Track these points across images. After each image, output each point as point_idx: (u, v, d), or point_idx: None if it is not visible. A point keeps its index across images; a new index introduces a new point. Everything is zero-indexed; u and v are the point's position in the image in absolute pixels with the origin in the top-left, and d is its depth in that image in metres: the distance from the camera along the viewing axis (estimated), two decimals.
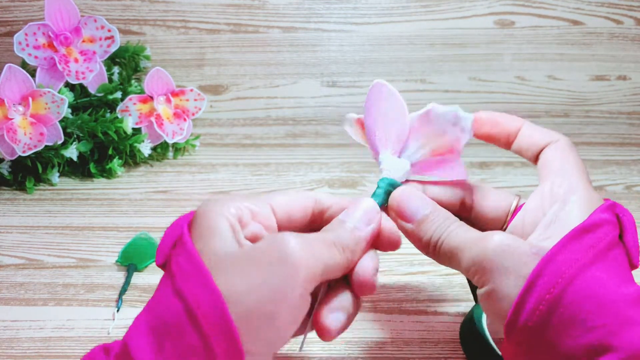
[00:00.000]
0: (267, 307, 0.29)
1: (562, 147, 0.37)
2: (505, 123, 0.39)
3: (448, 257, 0.34)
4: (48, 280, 0.52)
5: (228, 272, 0.29)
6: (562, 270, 0.30)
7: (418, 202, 0.35)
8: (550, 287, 0.30)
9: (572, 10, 0.77)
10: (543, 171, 0.37)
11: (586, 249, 0.31)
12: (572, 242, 0.31)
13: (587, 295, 0.30)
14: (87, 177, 0.68)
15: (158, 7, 0.75)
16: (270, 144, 0.75)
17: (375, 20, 0.77)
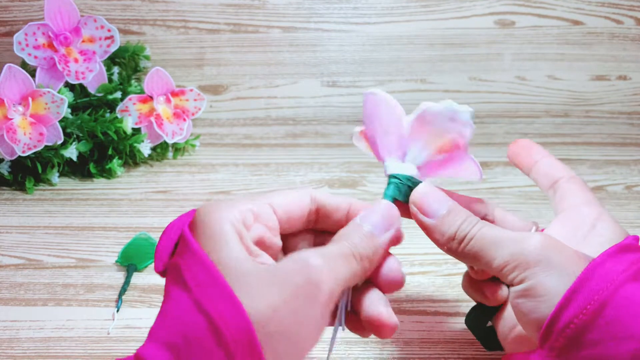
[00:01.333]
0: (291, 329, 0.29)
1: (580, 183, 0.39)
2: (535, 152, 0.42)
3: (476, 253, 0.34)
4: (48, 280, 0.52)
5: (250, 291, 0.29)
6: (610, 277, 0.31)
7: (441, 197, 0.35)
8: (599, 289, 0.30)
9: (572, 10, 0.77)
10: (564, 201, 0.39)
11: (630, 264, 0.31)
12: (617, 254, 0.32)
13: (633, 303, 0.30)
14: (87, 177, 0.68)
15: (158, 7, 0.75)
16: (270, 144, 0.75)
17: (375, 20, 0.77)
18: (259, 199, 0.34)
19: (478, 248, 0.34)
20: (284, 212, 0.34)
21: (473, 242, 0.34)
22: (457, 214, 0.35)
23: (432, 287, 0.51)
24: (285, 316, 0.29)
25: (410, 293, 0.50)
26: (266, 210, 0.33)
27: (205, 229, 0.31)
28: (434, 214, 0.35)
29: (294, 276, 0.29)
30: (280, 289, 0.29)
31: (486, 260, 0.33)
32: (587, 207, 0.38)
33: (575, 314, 0.30)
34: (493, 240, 0.33)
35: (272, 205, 0.34)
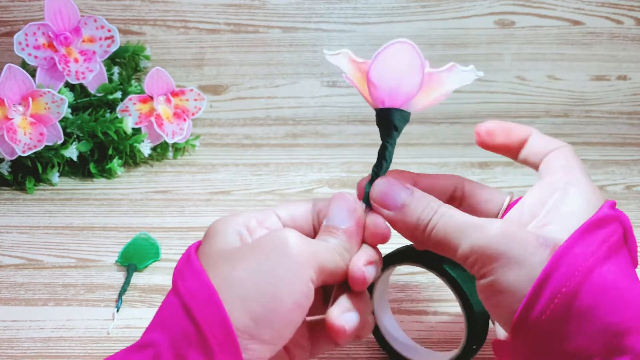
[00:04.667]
0: (267, 289, 0.30)
1: (566, 151, 0.36)
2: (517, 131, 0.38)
3: (441, 242, 0.33)
4: (48, 280, 0.52)
5: (229, 262, 0.31)
6: (578, 263, 0.29)
7: (399, 188, 0.34)
8: (567, 280, 0.29)
9: (572, 10, 0.77)
10: (545, 169, 0.36)
11: (600, 243, 0.30)
12: (586, 235, 0.30)
13: (604, 289, 0.29)
14: (87, 177, 0.68)
15: (158, 7, 0.75)
16: (270, 144, 0.75)
17: (375, 20, 0.77)
18: (265, 209, 0.36)
19: (441, 236, 0.33)
20: (288, 218, 0.36)
21: (435, 230, 0.33)
22: (418, 202, 0.34)
23: (432, 287, 0.51)
24: (258, 277, 0.30)
25: (410, 293, 0.50)
26: (269, 216, 0.35)
27: (209, 236, 0.33)
28: (393, 205, 0.34)
29: (270, 243, 0.31)
30: (257, 254, 0.31)
31: (450, 250, 0.33)
32: (563, 171, 0.34)
33: (543, 309, 0.29)
34: (454, 229, 0.32)
35: (275, 212, 0.35)
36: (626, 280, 0.30)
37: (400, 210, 0.34)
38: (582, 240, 0.30)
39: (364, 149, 0.73)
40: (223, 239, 0.33)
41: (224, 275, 0.30)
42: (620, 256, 0.31)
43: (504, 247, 0.31)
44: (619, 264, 0.30)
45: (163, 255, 0.54)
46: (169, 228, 0.59)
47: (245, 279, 0.30)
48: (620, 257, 0.31)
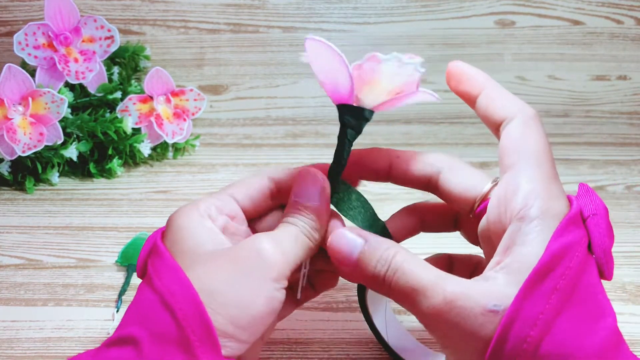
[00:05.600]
0: (245, 298, 0.31)
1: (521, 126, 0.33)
2: (469, 81, 0.35)
3: (402, 301, 0.32)
4: (48, 280, 0.52)
5: (205, 267, 0.32)
6: (526, 332, 0.28)
7: (349, 239, 0.33)
8: (516, 355, 0.28)
9: (572, 10, 0.77)
10: (501, 162, 0.33)
11: (548, 296, 0.28)
12: (532, 290, 0.28)
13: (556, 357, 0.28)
14: (86, 177, 0.68)
15: (158, 7, 0.75)
16: (270, 144, 0.75)
17: (375, 20, 0.77)
18: (220, 193, 0.36)
19: (400, 295, 0.31)
20: (246, 200, 0.36)
21: (393, 286, 0.32)
22: (371, 254, 0.32)
23: None
24: (237, 287, 0.31)
25: None
26: (228, 202, 0.36)
27: (172, 229, 0.34)
28: (349, 260, 0.33)
29: (246, 252, 0.32)
30: (232, 265, 0.32)
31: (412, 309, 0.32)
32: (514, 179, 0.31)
33: None
34: (408, 289, 0.31)
35: (232, 196, 0.36)
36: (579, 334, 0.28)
37: (356, 265, 0.33)
38: (527, 299, 0.28)
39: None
40: (193, 237, 0.33)
41: (202, 281, 0.31)
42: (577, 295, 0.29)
43: (454, 318, 0.29)
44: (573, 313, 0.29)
45: None
46: None
47: (223, 287, 0.31)
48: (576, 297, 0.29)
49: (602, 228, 0.31)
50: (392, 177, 0.38)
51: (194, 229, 0.34)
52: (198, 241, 0.33)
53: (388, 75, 0.33)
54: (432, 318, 0.30)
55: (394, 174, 0.38)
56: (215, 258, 0.32)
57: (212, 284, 0.31)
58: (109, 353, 0.31)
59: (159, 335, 0.30)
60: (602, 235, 0.31)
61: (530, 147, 0.32)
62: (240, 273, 0.32)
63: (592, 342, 0.28)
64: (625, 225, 0.60)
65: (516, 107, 0.33)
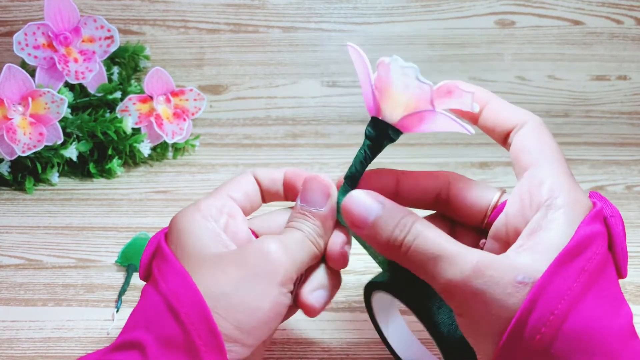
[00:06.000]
0: (251, 302, 0.31)
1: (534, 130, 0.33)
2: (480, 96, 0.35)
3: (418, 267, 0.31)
4: (47, 280, 0.52)
5: (211, 270, 0.32)
6: (554, 305, 0.28)
7: (367, 202, 0.32)
8: (542, 325, 0.28)
9: (572, 10, 0.77)
10: (518, 163, 0.33)
11: (577, 275, 0.29)
12: (562, 267, 0.29)
13: (580, 332, 0.28)
14: (86, 177, 0.68)
15: (158, 7, 0.75)
16: (270, 144, 0.75)
17: (375, 20, 0.77)
18: (218, 193, 0.36)
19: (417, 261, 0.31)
20: (243, 198, 0.37)
21: (410, 253, 0.31)
22: (389, 216, 0.32)
23: None
24: (243, 292, 0.31)
25: None
26: (226, 202, 0.36)
27: (176, 231, 0.34)
28: (364, 222, 0.32)
29: (253, 256, 0.32)
30: (239, 268, 0.32)
31: (427, 277, 0.31)
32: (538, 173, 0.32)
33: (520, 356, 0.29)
34: (428, 256, 0.30)
35: (230, 195, 0.36)
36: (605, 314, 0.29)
37: (372, 227, 0.32)
38: (557, 275, 0.29)
39: None
40: (197, 239, 0.33)
41: (207, 284, 0.31)
42: (601, 283, 0.30)
43: (480, 286, 0.29)
44: (599, 294, 0.29)
45: None
46: None
47: (229, 291, 0.31)
48: (601, 284, 0.29)
49: (620, 228, 0.32)
50: (400, 196, 0.37)
51: (198, 231, 0.33)
52: (202, 244, 0.33)
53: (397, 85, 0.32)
54: (455, 285, 0.30)
55: (402, 191, 0.37)
56: (221, 261, 0.32)
57: (218, 288, 0.31)
58: (114, 357, 0.31)
59: (165, 340, 0.30)
60: (621, 234, 0.31)
61: (547, 148, 0.33)
62: (247, 277, 0.31)
63: (615, 324, 0.29)
64: (625, 225, 0.60)
65: (525, 115, 0.34)
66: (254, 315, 0.31)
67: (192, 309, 0.30)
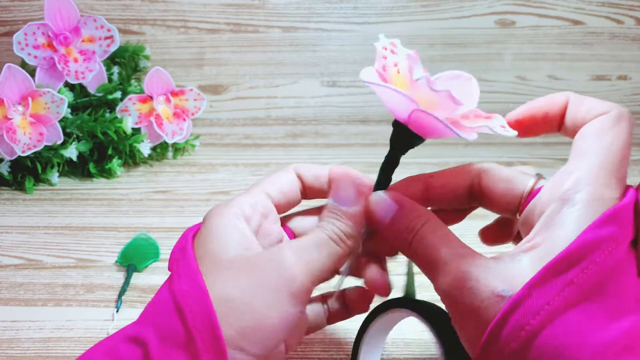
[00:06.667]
0: (259, 311, 0.31)
1: (605, 120, 0.31)
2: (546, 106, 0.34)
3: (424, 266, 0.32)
4: (47, 280, 0.52)
5: (224, 274, 0.31)
6: (526, 320, 0.27)
7: (387, 202, 0.33)
8: (511, 340, 0.27)
9: (572, 10, 0.77)
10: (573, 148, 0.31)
11: (562, 288, 0.27)
12: (547, 279, 0.27)
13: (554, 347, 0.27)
14: (86, 177, 0.68)
15: (158, 7, 0.75)
16: (270, 144, 0.75)
17: (375, 20, 0.76)
18: (254, 190, 0.36)
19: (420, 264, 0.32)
20: (280, 196, 0.36)
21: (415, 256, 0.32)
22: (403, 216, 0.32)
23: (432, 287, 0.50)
24: (251, 299, 0.31)
25: None
26: (261, 199, 0.35)
27: (205, 228, 0.33)
28: (382, 222, 0.33)
29: (265, 266, 0.31)
30: (250, 275, 0.31)
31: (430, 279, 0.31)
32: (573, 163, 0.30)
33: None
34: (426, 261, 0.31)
35: (266, 192, 0.36)
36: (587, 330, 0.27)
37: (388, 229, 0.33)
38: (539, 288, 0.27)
39: (364, 149, 0.73)
40: (220, 239, 0.33)
41: (217, 288, 0.31)
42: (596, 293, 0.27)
43: (461, 297, 0.29)
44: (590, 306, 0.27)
45: (163, 255, 0.54)
46: (169, 228, 0.58)
47: (237, 297, 0.30)
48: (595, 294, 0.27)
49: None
50: (431, 199, 0.36)
51: (225, 231, 0.33)
52: (225, 244, 0.32)
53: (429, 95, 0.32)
54: (444, 294, 0.30)
55: (432, 195, 0.36)
56: (236, 266, 0.32)
57: (227, 293, 0.31)
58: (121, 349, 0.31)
59: (167, 338, 0.30)
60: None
61: (604, 140, 0.30)
62: (256, 284, 0.31)
63: (596, 341, 0.27)
64: None
65: (608, 107, 0.31)
66: (260, 325, 0.30)
67: (198, 310, 0.30)
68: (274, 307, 0.31)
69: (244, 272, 0.31)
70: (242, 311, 0.30)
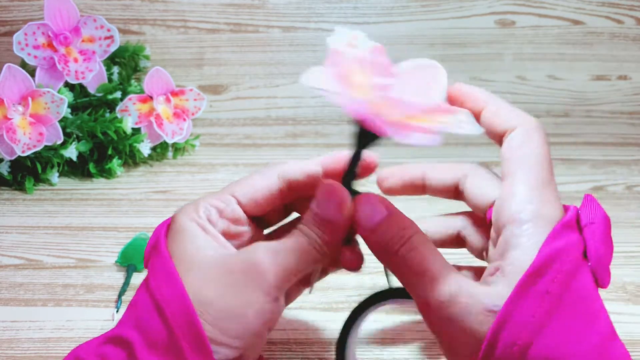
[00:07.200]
0: (236, 310, 0.31)
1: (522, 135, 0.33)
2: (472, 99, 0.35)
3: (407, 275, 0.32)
4: (47, 280, 0.52)
5: (201, 275, 0.32)
6: (516, 335, 0.28)
7: (372, 208, 0.33)
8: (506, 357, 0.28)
9: (572, 10, 0.77)
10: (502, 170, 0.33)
11: (541, 299, 0.29)
12: (525, 292, 0.29)
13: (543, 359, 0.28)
14: (86, 177, 0.68)
15: (158, 7, 0.75)
16: (270, 144, 0.75)
17: (375, 20, 0.76)
18: (224, 192, 0.36)
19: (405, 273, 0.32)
20: (250, 202, 0.36)
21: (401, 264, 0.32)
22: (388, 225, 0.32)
23: None
24: (228, 299, 0.31)
25: None
26: (229, 204, 0.35)
27: (174, 229, 0.34)
28: (365, 226, 0.33)
29: (240, 266, 0.32)
30: (226, 275, 0.32)
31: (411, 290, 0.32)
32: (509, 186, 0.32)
33: None
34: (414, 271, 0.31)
35: (235, 197, 0.36)
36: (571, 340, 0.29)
37: (371, 232, 0.33)
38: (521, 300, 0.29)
39: None
40: (193, 241, 0.33)
41: (195, 289, 0.31)
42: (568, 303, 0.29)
43: (455, 314, 0.30)
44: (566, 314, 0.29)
45: None
46: None
47: (214, 298, 0.31)
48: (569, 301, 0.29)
49: (597, 236, 0.31)
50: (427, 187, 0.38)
51: (194, 232, 0.33)
52: (198, 245, 0.33)
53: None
54: (432, 306, 0.31)
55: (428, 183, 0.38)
56: (212, 266, 0.32)
57: (205, 294, 0.31)
58: (106, 351, 0.32)
59: (151, 339, 0.31)
60: (596, 242, 0.31)
61: (527, 155, 0.32)
62: (232, 285, 0.32)
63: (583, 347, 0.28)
64: (625, 225, 0.60)
65: (519, 118, 0.34)
66: (239, 323, 0.31)
67: (179, 311, 0.31)
68: (250, 305, 0.32)
69: (220, 272, 0.32)
70: (219, 310, 0.31)
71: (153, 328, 0.31)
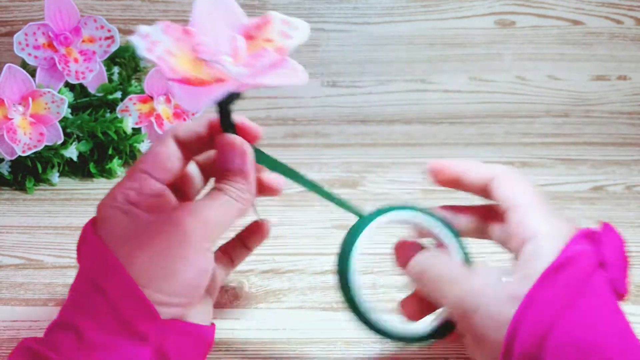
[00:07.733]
0: (170, 270, 0.33)
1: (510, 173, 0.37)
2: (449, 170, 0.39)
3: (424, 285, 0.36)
4: (48, 280, 0.52)
5: (131, 246, 0.34)
6: (541, 317, 0.31)
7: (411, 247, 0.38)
8: (531, 336, 0.30)
9: (572, 10, 0.77)
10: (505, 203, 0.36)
11: (561, 289, 0.31)
12: (546, 283, 0.31)
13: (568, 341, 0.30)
14: (87, 177, 0.68)
15: (158, 7, 0.75)
16: (270, 144, 0.74)
17: (375, 20, 0.77)
18: (135, 171, 0.36)
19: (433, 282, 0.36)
20: (159, 170, 0.37)
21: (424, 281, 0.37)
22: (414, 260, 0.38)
23: None
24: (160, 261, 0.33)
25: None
26: (144, 182, 0.36)
27: (99, 221, 0.36)
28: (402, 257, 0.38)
29: (165, 230, 0.34)
30: (153, 240, 0.34)
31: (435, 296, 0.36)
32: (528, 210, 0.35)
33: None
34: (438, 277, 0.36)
35: (145, 171, 0.36)
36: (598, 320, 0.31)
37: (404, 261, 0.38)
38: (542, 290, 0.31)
39: (364, 149, 0.73)
40: (118, 225, 0.35)
41: (128, 260, 0.33)
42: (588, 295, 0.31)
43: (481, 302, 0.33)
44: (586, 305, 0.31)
45: None
46: None
47: (148, 264, 0.33)
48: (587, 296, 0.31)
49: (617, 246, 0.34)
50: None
51: (117, 217, 0.35)
52: (123, 226, 0.35)
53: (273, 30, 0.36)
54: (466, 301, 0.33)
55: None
56: (138, 236, 0.34)
57: (138, 262, 0.33)
58: (55, 336, 0.33)
59: (96, 318, 0.32)
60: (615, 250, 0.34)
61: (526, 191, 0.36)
62: (161, 247, 0.33)
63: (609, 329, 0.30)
64: (625, 225, 0.60)
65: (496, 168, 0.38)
66: (175, 281, 0.33)
67: (117, 283, 0.33)
68: (180, 262, 0.33)
69: (146, 240, 0.34)
70: (155, 275, 0.33)
71: (96, 305, 0.33)
